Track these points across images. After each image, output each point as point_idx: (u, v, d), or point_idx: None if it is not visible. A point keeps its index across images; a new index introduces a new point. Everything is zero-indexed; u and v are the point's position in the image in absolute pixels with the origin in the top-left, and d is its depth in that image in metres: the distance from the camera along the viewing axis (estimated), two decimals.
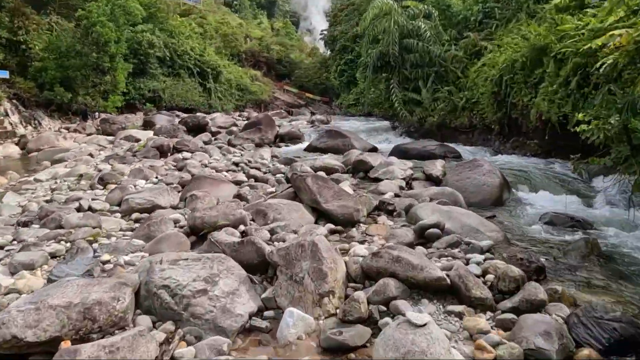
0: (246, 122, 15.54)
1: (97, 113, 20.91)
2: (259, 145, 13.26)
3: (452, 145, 12.80)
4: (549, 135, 9.09)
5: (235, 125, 16.46)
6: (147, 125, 16.40)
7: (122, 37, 21.12)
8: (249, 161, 8.25)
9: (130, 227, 4.40)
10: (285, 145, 13.32)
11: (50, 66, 18.48)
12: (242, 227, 3.82)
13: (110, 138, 14.91)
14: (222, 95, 32.76)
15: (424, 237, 4.19)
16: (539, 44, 9.35)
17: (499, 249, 4.03)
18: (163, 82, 26.98)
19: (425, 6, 15.05)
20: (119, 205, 5.01)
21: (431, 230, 4.14)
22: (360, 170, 7.47)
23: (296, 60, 44.25)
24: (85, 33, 19.07)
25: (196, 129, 15.42)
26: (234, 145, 12.84)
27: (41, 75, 18.57)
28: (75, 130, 17.20)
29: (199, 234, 3.83)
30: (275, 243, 3.63)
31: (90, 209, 4.81)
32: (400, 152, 10.25)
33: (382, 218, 4.86)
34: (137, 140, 13.64)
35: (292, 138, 14.46)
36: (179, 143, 10.15)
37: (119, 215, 4.85)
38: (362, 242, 4.06)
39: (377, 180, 6.98)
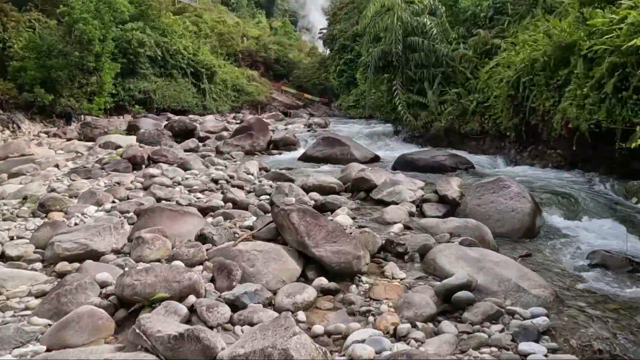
0: (238, 126, 14.37)
1: (82, 116, 19.78)
2: (249, 153, 12.13)
3: (461, 153, 11.72)
4: (577, 145, 7.93)
5: (225, 129, 15.31)
6: (132, 129, 15.25)
7: (109, 35, 19.98)
8: (231, 177, 7.08)
9: (46, 289, 3.14)
10: (279, 153, 12.16)
11: (29, 66, 17.34)
12: (191, 299, 2.65)
13: (90, 144, 13.76)
14: (217, 96, 31.64)
15: (449, 302, 3.04)
16: (564, 41, 8.19)
17: (558, 324, 2.88)
18: (154, 83, 25.84)
19: (431, 1, 13.87)
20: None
21: (460, 293, 2.99)
22: (362, 190, 6.32)
23: (295, 60, 43.10)
24: (67, 31, 17.92)
25: (183, 134, 14.27)
26: (221, 153, 11.70)
27: (20, 76, 17.42)
28: (55, 135, 16.03)
29: (129, 309, 2.68)
30: (239, 328, 2.48)
31: (3, 255, 3.62)
32: (405, 164, 9.11)
33: (391, 266, 3.71)
34: (118, 147, 12.50)
35: (287, 144, 13.32)
36: (156, 153, 9.00)
37: (40, 265, 3.68)
38: (364, 314, 2.90)
39: (382, 202, 5.83)
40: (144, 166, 8.50)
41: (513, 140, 10.29)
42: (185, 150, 12.61)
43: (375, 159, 10.52)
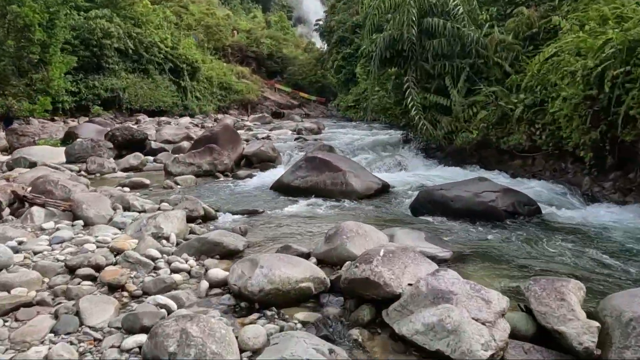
0: (200, 134, 10.96)
1: (30, 118, 16.46)
2: (208, 175, 8.83)
3: (500, 176, 8.43)
4: None
5: (188, 138, 11.97)
6: (69, 138, 11.92)
7: (59, 22, 16.61)
8: (118, 252, 3.75)
9: None
10: (248, 175, 8.80)
11: None
12: None
13: (6, 158, 10.50)
14: (200, 95, 28.34)
15: None
16: None
17: None
18: (125, 80, 22.47)
19: None
20: None
21: None
22: (365, 301, 2.98)
23: (290, 56, 39.74)
24: (1, 14, 14.58)
25: (129, 145, 10.93)
26: (170, 175, 8.41)
27: None
28: None
29: None
30: None
31: None
32: (433, 204, 5.79)
33: None
34: (32, 165, 9.23)
35: (262, 161, 9.98)
36: (36, 188, 5.66)
37: None
38: None
39: (413, 345, 2.50)
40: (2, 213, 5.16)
41: (590, 164, 6.93)
42: (124, 170, 9.32)
43: (383, 189, 7.19)
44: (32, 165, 9.25)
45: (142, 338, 2.49)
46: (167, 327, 2.33)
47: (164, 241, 4.21)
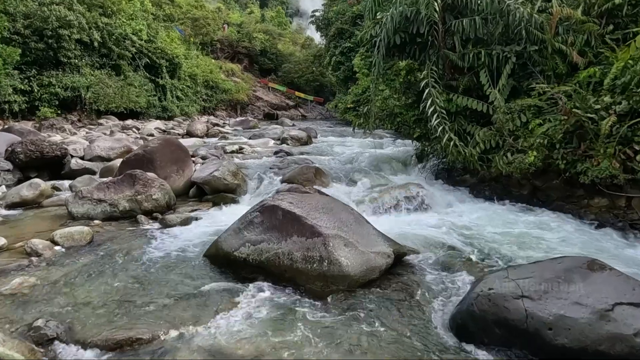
0: (158, 143, 7.78)
1: None
2: (126, 217, 5.81)
3: (572, 223, 5.46)
4: None
5: (129, 153, 8.90)
6: None
7: None
8: None
9: None
10: (184, 222, 5.72)
11: None
12: None
13: None
14: (182, 95, 25.32)
15: None
16: None
17: None
18: (90, 77, 19.43)
19: None
20: None
21: None
22: None
23: (285, 52, 36.63)
24: None
25: (39, 164, 7.90)
26: (73, 219, 5.41)
27: None
28: None
29: None
30: None
31: None
32: (507, 331, 2.80)
33: None
34: None
35: (218, 191, 6.94)
36: None
37: None
38: None
39: None
40: None
41: None
42: (10, 206, 6.35)
43: (397, 260, 4.11)
44: None
45: None
46: None
47: None
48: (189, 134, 15.09)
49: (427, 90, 7.26)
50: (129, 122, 18.26)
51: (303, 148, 11.44)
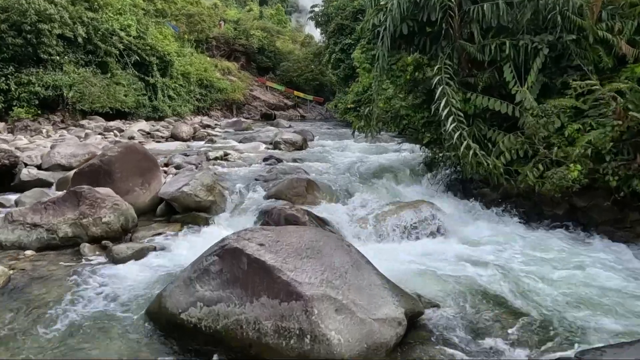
0: (118, 151, 6.57)
1: None
2: (70, 246, 4.63)
3: (628, 253, 4.23)
4: None
5: (92, 160, 7.70)
6: None
7: None
8: None
9: None
10: (137, 255, 4.53)
11: None
12: None
13: None
14: (174, 94, 24.17)
15: None
16: None
17: None
18: (74, 75, 18.25)
19: None
20: None
21: None
22: None
23: (284, 50, 35.43)
24: None
25: None
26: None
27: None
28: None
29: None
30: None
31: None
32: None
33: None
34: None
35: (190, 209, 5.76)
36: None
37: None
38: None
39: None
40: None
41: None
42: None
43: (410, 324, 2.92)
44: None
45: None
46: None
47: None
48: (174, 137, 13.89)
49: (439, 89, 6.07)
50: (114, 123, 17.07)
51: (297, 153, 10.24)
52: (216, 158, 8.87)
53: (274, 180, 6.92)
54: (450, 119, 5.87)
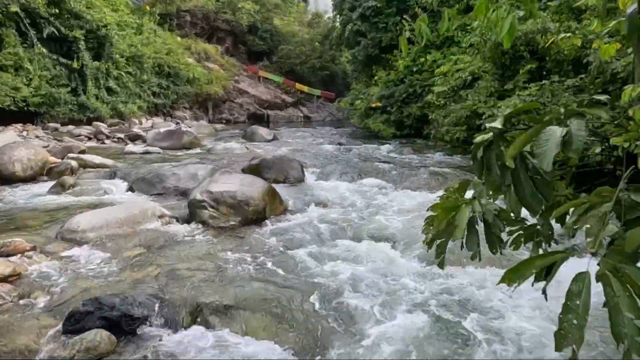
0: None
1: None
2: None
3: None
4: None
5: None
6: None
7: None
8: None
9: None
10: None
11: None
12: None
13: None
14: (116, 85, 16.75)
15: None
16: None
17: None
18: None
19: None
20: None
21: None
22: None
23: (282, 30, 27.75)
24: None
25: None
26: None
27: None
28: None
29: None
30: None
31: None
32: None
33: None
34: None
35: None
36: None
37: None
38: None
39: None
40: None
41: None
42: None
43: None
44: None
45: None
46: None
47: None
48: None
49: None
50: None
51: (238, 249, 2.66)
52: None
53: None
54: None
